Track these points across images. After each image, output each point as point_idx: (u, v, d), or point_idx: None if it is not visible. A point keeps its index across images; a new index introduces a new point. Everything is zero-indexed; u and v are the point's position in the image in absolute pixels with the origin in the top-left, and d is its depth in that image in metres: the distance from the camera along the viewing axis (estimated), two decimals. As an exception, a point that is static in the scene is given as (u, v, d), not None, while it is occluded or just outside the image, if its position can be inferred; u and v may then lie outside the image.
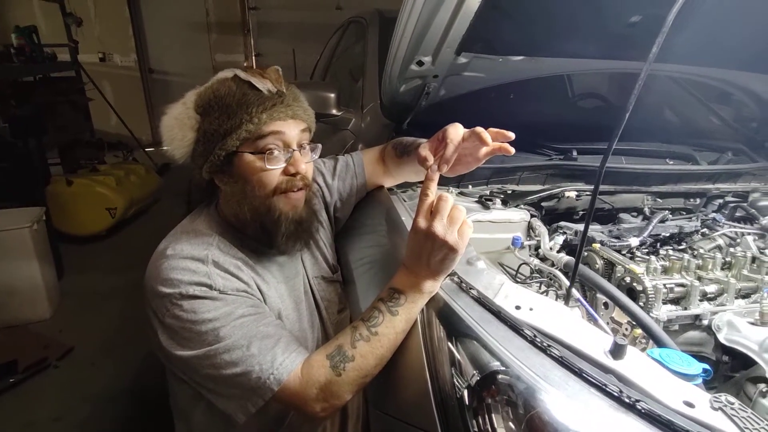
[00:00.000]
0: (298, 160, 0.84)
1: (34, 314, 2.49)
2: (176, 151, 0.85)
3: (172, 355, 0.77)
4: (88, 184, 3.35)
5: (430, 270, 0.74)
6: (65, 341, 2.33)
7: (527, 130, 1.47)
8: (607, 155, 0.71)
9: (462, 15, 0.96)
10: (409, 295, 0.75)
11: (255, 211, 0.85)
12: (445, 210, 0.70)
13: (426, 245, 0.72)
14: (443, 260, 0.72)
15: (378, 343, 0.74)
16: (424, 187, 0.73)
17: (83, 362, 2.23)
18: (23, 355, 2.17)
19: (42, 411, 1.92)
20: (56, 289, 2.68)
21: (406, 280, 0.75)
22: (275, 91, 0.83)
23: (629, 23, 1.10)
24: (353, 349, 0.74)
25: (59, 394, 2.02)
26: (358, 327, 0.76)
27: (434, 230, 0.70)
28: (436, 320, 0.74)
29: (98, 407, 1.96)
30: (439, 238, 0.70)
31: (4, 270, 2.36)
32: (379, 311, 0.75)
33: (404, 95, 1.21)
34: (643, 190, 1.33)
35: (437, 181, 0.74)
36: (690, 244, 1.20)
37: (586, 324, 0.72)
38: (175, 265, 0.78)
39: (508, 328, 0.68)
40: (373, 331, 0.74)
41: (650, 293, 0.92)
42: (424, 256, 0.72)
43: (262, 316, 0.80)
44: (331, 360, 0.74)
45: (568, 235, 1.13)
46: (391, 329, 0.74)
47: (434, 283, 0.75)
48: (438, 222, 0.70)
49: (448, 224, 0.70)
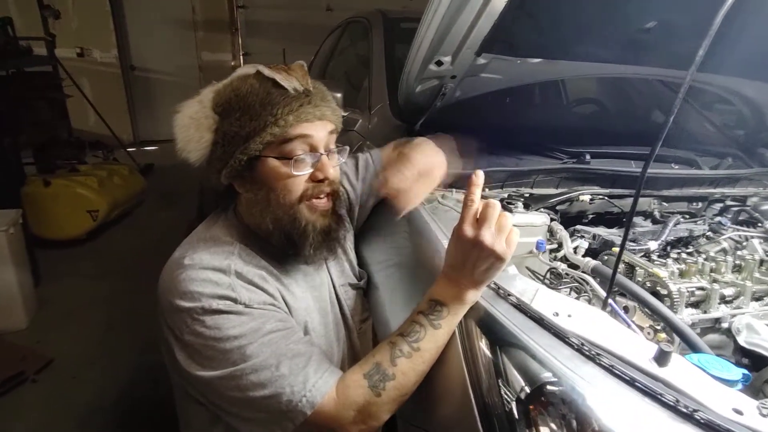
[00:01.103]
0: (326, 164, 0.79)
1: (9, 324, 2.34)
2: (191, 153, 0.78)
3: (192, 376, 0.72)
4: (68, 185, 3.19)
5: (473, 280, 0.70)
6: (43, 353, 2.19)
7: (539, 133, 1.49)
8: (649, 161, 0.70)
9: (486, 15, 0.95)
10: (451, 306, 0.71)
11: (278, 222, 0.79)
12: (493, 217, 0.67)
13: (472, 254, 0.68)
14: (488, 269, 0.69)
15: (420, 359, 0.70)
16: (468, 193, 0.69)
17: (64, 375, 2.09)
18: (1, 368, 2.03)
19: (19, 428, 1.80)
20: (33, 297, 2.52)
21: (448, 291, 0.72)
22: (302, 90, 0.77)
23: (644, 29, 1.11)
24: (393, 367, 0.70)
25: (37, 411, 1.89)
26: (398, 343, 0.71)
27: (482, 239, 0.66)
28: (476, 329, 0.71)
29: (80, 424, 1.84)
30: (488, 247, 0.66)
31: None
32: (420, 325, 0.71)
33: (420, 96, 1.19)
34: (653, 194, 1.33)
35: (482, 186, 0.71)
36: (696, 248, 1.21)
37: (626, 330, 0.71)
38: (194, 276, 0.73)
39: (553, 336, 0.66)
40: (415, 347, 0.70)
41: (675, 297, 0.92)
42: (469, 265, 0.69)
43: (291, 331, 0.75)
44: (369, 379, 0.69)
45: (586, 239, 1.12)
46: (433, 343, 0.71)
47: (476, 292, 0.72)
48: (486, 230, 0.67)
49: (497, 232, 0.67)
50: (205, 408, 0.78)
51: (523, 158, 1.30)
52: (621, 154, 1.44)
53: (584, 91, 1.86)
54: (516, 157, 1.30)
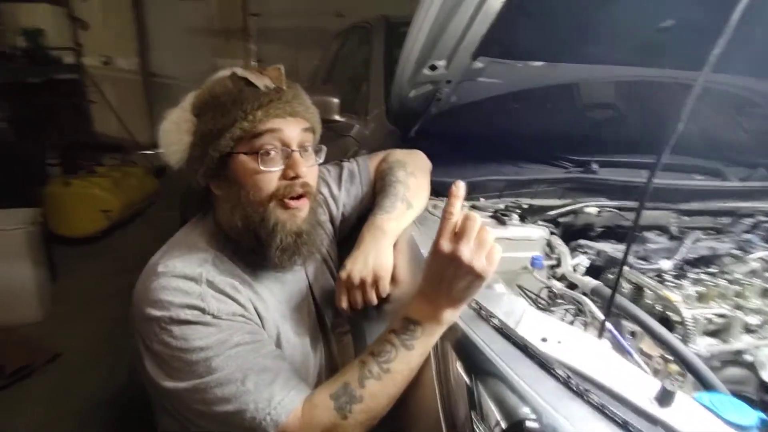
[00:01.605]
0: (297, 161, 0.77)
1: (24, 317, 2.43)
2: (172, 155, 0.79)
3: (159, 386, 0.70)
4: (85, 185, 3.30)
5: (451, 298, 0.65)
6: (54, 346, 2.26)
7: (543, 140, 1.41)
8: (655, 170, 0.63)
9: (482, 16, 0.89)
10: (426, 326, 0.66)
11: (248, 219, 0.77)
12: (473, 231, 0.62)
13: (449, 271, 0.63)
14: (467, 288, 0.64)
15: (390, 382, 0.66)
16: (447, 205, 0.64)
17: (70, 369, 2.15)
18: (10, 359, 2.11)
19: (25, 419, 1.85)
20: (48, 292, 2.62)
21: (423, 310, 0.67)
22: (273, 88, 0.77)
23: (660, 28, 1.03)
24: (361, 389, 0.66)
25: (42, 403, 1.95)
26: (368, 363, 0.67)
27: (460, 254, 0.61)
28: (452, 353, 0.65)
29: (81, 419, 1.88)
30: (465, 264, 0.61)
31: None
32: (391, 345, 0.67)
33: (413, 101, 1.13)
34: (671, 207, 1.23)
35: (462, 198, 0.65)
36: (722, 268, 1.11)
37: (624, 362, 0.63)
38: (165, 284, 0.71)
39: (537, 366, 0.59)
40: (385, 368, 0.66)
41: (689, 324, 0.82)
42: (446, 282, 0.64)
43: (260, 345, 0.73)
44: (336, 401, 0.66)
45: (589, 254, 1.04)
46: (405, 365, 0.66)
47: (454, 312, 0.67)
48: (464, 245, 0.61)
49: (476, 248, 0.62)
50: (175, 420, 0.76)
51: (524, 166, 1.23)
52: (637, 164, 1.35)
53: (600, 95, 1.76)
54: (517, 165, 1.23)
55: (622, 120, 1.70)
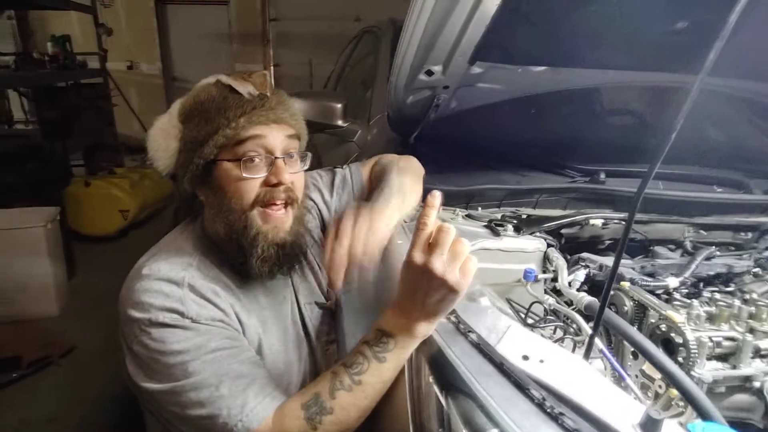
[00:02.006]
0: (280, 168, 0.76)
1: (42, 311, 2.53)
2: (160, 161, 0.80)
3: (138, 386, 0.71)
4: (104, 185, 3.41)
5: (425, 311, 0.63)
6: (69, 340, 2.35)
7: (547, 148, 1.36)
8: (647, 180, 0.59)
9: (477, 20, 0.86)
10: (399, 339, 0.65)
11: (230, 227, 0.76)
12: (446, 243, 0.60)
13: (421, 283, 0.61)
14: (441, 301, 0.62)
15: (361, 394, 0.65)
16: (422, 215, 0.62)
17: (82, 363, 2.24)
18: (28, 350, 2.20)
19: (39, 409, 1.93)
20: (65, 287, 2.71)
21: (396, 322, 0.65)
22: (257, 94, 0.76)
23: (674, 30, 0.98)
24: (332, 400, 0.65)
25: (57, 394, 2.03)
26: (339, 374, 0.66)
27: (432, 266, 0.59)
28: (426, 367, 0.62)
29: (92, 410, 1.95)
30: (437, 276, 0.59)
31: (16, 266, 2.40)
32: (364, 357, 0.66)
33: (411, 107, 1.11)
34: (684, 221, 1.17)
35: (438, 208, 0.63)
36: (740, 287, 1.04)
37: (609, 385, 0.59)
38: (148, 287, 0.72)
39: (512, 386, 0.56)
40: (357, 380, 0.65)
41: (692, 347, 0.77)
42: (419, 295, 0.62)
43: (237, 351, 0.72)
44: (306, 411, 0.65)
45: (591, 269, 0.98)
46: (377, 378, 0.65)
47: (428, 326, 0.65)
48: (437, 257, 0.59)
49: (449, 260, 0.60)
50: (158, 420, 0.76)
51: (526, 175, 1.19)
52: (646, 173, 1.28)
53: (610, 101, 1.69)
54: (519, 173, 1.19)
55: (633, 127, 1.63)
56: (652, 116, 1.51)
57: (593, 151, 1.27)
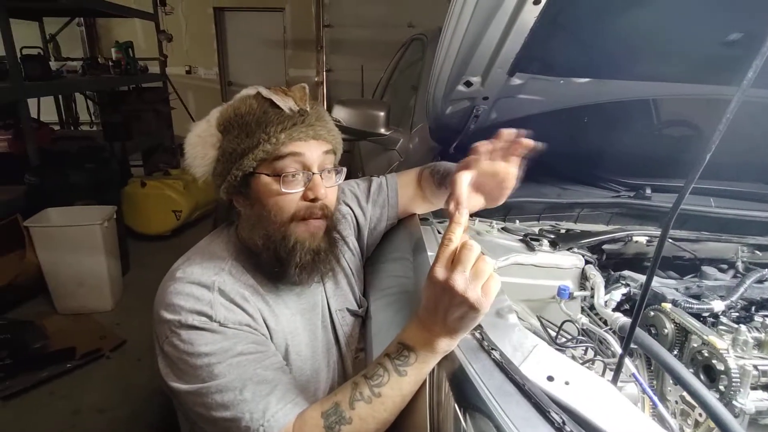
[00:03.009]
0: (317, 184, 0.77)
1: (97, 305, 2.67)
2: (197, 168, 0.81)
3: (169, 386, 0.73)
4: (159, 186, 3.55)
5: (446, 327, 0.62)
6: (120, 334, 2.46)
7: (590, 161, 1.32)
8: (684, 194, 0.56)
9: (515, 32, 0.85)
10: (420, 353, 0.64)
11: (268, 238, 0.78)
12: (469, 261, 0.59)
13: (443, 299, 0.61)
14: (462, 318, 0.61)
15: (381, 406, 0.64)
16: (447, 231, 0.62)
17: (131, 356, 2.33)
18: (82, 342, 2.33)
19: (90, 399, 2.03)
20: (120, 283, 2.85)
21: (418, 336, 0.65)
22: (297, 110, 0.77)
23: (726, 42, 0.93)
24: (351, 410, 0.65)
25: (107, 385, 2.12)
26: (360, 384, 0.66)
27: (453, 283, 0.58)
28: (446, 384, 0.62)
29: (140, 403, 2.03)
30: (459, 294, 0.58)
31: (75, 262, 2.54)
32: (384, 369, 0.65)
33: (451, 117, 1.11)
34: (736, 240, 1.10)
35: (465, 226, 0.62)
36: (799, 313, 0.96)
37: (636, 411, 0.57)
38: (180, 289, 0.74)
39: (531, 407, 0.55)
40: (376, 392, 0.65)
41: (734, 375, 0.73)
42: (441, 311, 0.61)
43: (263, 355, 0.74)
44: (326, 419, 0.65)
45: (631, 288, 0.95)
46: (397, 391, 0.64)
47: (450, 342, 0.64)
48: (459, 274, 0.58)
49: (472, 278, 0.59)
50: (187, 419, 0.79)
51: (567, 188, 1.16)
52: (703, 190, 1.22)
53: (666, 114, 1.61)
54: (560, 186, 1.16)
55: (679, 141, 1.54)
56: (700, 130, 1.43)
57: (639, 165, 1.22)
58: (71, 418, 1.92)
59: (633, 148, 1.26)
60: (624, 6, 0.85)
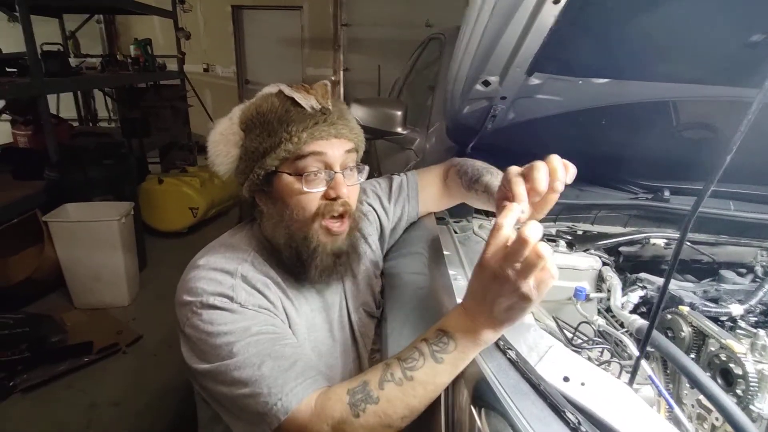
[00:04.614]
0: (339, 183, 0.78)
1: (114, 300, 2.70)
2: (220, 167, 0.82)
3: (191, 368, 0.74)
4: (176, 183, 3.59)
5: (493, 318, 0.60)
6: (136, 329, 2.49)
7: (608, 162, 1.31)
8: (703, 197, 0.56)
9: (534, 32, 0.85)
10: (460, 342, 0.62)
11: (291, 237, 0.79)
12: (524, 250, 0.54)
13: (492, 288, 0.57)
14: (510, 309, 0.58)
15: (411, 391, 0.62)
16: (500, 217, 0.58)
17: (147, 352, 2.36)
18: (99, 337, 2.36)
19: (106, 393, 2.06)
20: (136, 279, 2.88)
21: (461, 323, 0.62)
22: (319, 108, 0.77)
23: (748, 43, 0.91)
24: (380, 390, 0.63)
25: (123, 380, 2.15)
26: (392, 366, 0.64)
27: (505, 273, 0.55)
28: (462, 381, 0.62)
29: (155, 398, 2.05)
30: (510, 283, 0.55)
31: (93, 257, 2.58)
32: (420, 353, 0.63)
33: (468, 117, 1.11)
34: (755, 244, 1.09)
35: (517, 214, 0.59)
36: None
37: (652, 413, 0.57)
38: (203, 275, 0.76)
39: (547, 407, 0.55)
40: (408, 375, 0.63)
41: (752, 380, 0.72)
42: (488, 300, 0.58)
43: (281, 336, 0.74)
44: (351, 396, 0.64)
45: (648, 291, 0.94)
46: (431, 378, 0.62)
47: (493, 333, 0.61)
48: (511, 263, 0.55)
49: (525, 268, 0.54)
50: (207, 405, 0.80)
51: (585, 189, 1.15)
52: (722, 193, 1.20)
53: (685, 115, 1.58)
54: (578, 187, 1.15)
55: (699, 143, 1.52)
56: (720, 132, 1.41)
57: (657, 167, 1.21)
58: (88, 412, 1.96)
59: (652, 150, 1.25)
60: (645, 7, 0.84)
